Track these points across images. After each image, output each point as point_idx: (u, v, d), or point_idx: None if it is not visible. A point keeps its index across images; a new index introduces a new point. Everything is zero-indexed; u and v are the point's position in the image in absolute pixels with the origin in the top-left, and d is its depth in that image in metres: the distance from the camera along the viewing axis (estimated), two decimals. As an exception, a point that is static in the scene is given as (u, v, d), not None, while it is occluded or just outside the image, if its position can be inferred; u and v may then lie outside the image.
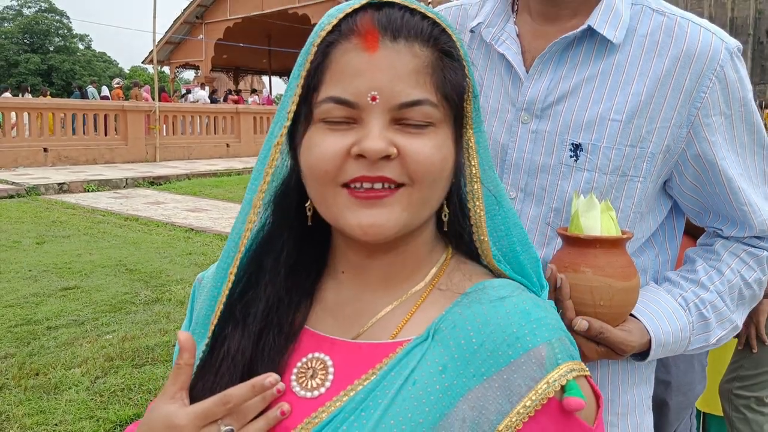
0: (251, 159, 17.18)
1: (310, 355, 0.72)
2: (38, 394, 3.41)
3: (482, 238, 0.74)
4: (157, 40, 17.41)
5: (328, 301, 0.76)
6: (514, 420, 0.63)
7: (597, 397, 0.68)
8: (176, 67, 30.97)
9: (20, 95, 18.70)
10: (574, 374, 0.65)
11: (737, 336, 2.42)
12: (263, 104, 23.93)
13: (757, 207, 1.06)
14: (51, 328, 4.42)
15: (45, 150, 13.78)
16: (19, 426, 3.08)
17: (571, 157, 1.02)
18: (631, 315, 0.99)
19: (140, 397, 3.41)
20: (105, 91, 22.68)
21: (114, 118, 15.22)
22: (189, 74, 34.10)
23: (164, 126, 15.93)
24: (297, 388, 0.70)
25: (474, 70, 1.13)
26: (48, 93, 19.54)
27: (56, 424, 3.13)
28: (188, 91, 24.99)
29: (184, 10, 27.99)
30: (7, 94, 18.61)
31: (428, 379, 0.64)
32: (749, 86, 1.05)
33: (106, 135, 15.14)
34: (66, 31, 62.52)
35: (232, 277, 0.74)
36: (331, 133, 0.66)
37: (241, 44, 27.09)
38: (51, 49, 59.69)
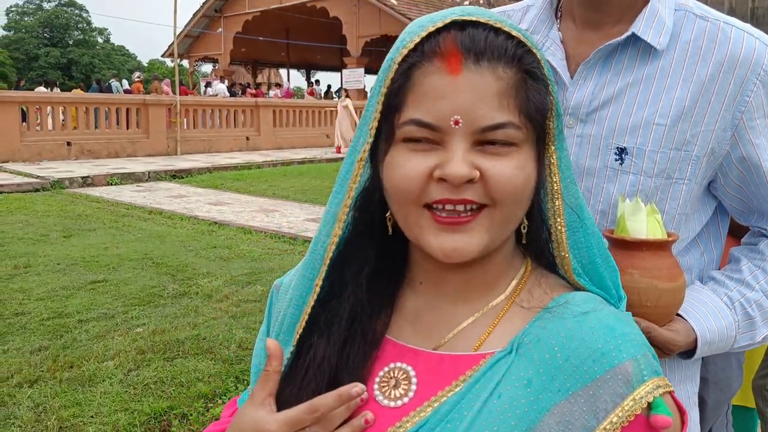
0: (271, 152, 17.27)
1: (392, 365, 0.72)
2: (73, 387, 3.46)
3: (563, 253, 0.74)
4: (174, 33, 17.49)
5: (407, 310, 0.76)
6: None
7: (682, 413, 0.68)
8: (195, 61, 31.11)
9: (50, 89, 18.92)
10: (660, 391, 0.65)
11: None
12: (283, 97, 23.96)
13: None
14: (82, 321, 4.47)
15: (68, 144, 13.93)
16: (56, 418, 3.13)
17: (616, 160, 1.04)
18: (678, 314, 1.01)
19: (173, 389, 3.44)
20: (126, 84, 22.88)
21: (136, 112, 15.33)
22: (206, 68, 34.15)
23: (185, 119, 16.01)
24: (380, 397, 0.71)
25: None
26: (84, 88, 19.76)
27: (92, 416, 3.17)
28: (208, 84, 25.12)
29: (203, 3, 28.13)
30: (41, 88, 18.85)
31: (513, 393, 0.65)
32: None
33: (128, 128, 15.28)
34: (85, 24, 63.08)
35: (318, 289, 0.74)
36: (414, 155, 0.66)
37: (260, 38, 27.14)
38: (70, 42, 60.29)
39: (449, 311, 0.74)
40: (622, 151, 1.04)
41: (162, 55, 30.52)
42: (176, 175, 12.56)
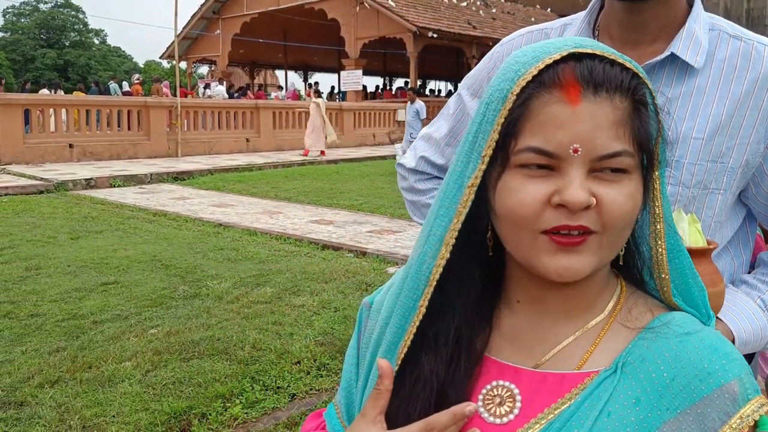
0: (271, 154, 17.32)
1: (494, 383, 0.74)
2: (93, 387, 3.53)
3: (663, 275, 0.76)
4: (174, 35, 17.54)
5: (504, 329, 0.78)
6: None
7: None
8: (193, 62, 31.15)
9: (53, 92, 18.96)
10: (765, 409, 0.67)
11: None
12: (288, 98, 24.00)
13: None
14: (96, 322, 4.54)
15: (70, 146, 13.98)
16: (79, 417, 3.20)
17: None
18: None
19: (191, 390, 3.52)
20: (126, 86, 22.91)
21: (137, 114, 15.39)
22: (203, 69, 34.18)
23: (185, 121, 16.06)
24: (485, 415, 0.73)
25: None
26: (84, 89, 19.79)
27: (113, 416, 3.24)
28: (207, 86, 25.16)
29: (201, 5, 28.19)
30: (45, 91, 18.87)
31: (623, 411, 0.67)
32: None
33: (129, 130, 15.33)
34: (82, 26, 63.02)
35: (423, 310, 0.76)
36: (530, 180, 0.68)
37: (259, 40, 27.19)
38: (67, 44, 60.19)
39: (548, 330, 0.75)
40: None
41: (160, 57, 30.54)
42: (178, 177, 12.62)
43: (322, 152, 17.07)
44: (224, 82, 25.12)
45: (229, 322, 4.56)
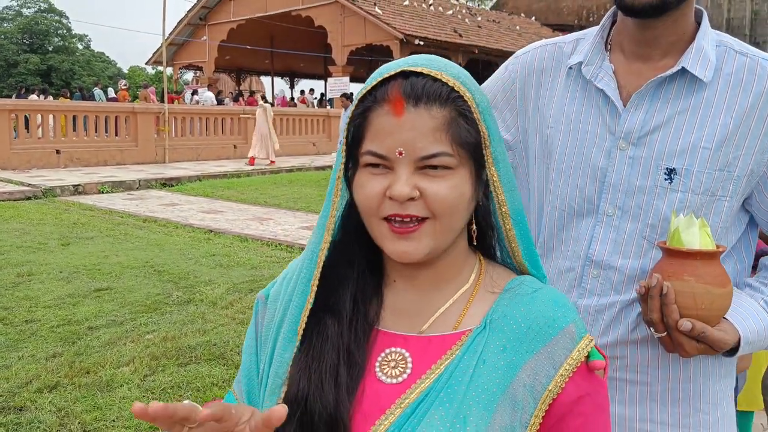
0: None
1: (388, 350, 0.88)
2: (92, 392, 3.56)
3: (513, 245, 0.92)
4: (162, 41, 17.51)
5: (389, 303, 0.91)
6: (558, 381, 0.82)
7: (604, 357, 0.88)
8: (179, 68, 31.06)
9: (43, 98, 18.84)
10: (593, 344, 0.86)
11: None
12: (278, 105, 24.04)
13: None
14: (92, 328, 4.56)
15: (57, 152, 13.91)
16: (80, 422, 3.23)
17: (666, 179, 1.17)
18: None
19: (190, 394, 3.56)
20: (111, 92, 22.79)
21: (124, 120, 15.34)
22: (188, 75, 34.09)
23: (173, 127, 16.03)
24: (383, 377, 0.86)
25: (572, 104, 1.27)
26: (68, 95, 19.66)
27: (114, 420, 3.28)
28: (195, 92, 25.11)
29: (188, 12, 28.09)
30: (34, 96, 18.73)
31: (494, 358, 0.83)
32: None
33: (117, 136, 15.27)
34: (65, 31, 62.50)
35: (315, 288, 0.89)
36: (373, 177, 0.83)
37: (246, 46, 27.17)
38: (50, 49, 59.63)
39: (424, 301, 0.90)
40: (671, 172, 1.16)
41: (146, 63, 30.38)
42: (166, 184, 12.60)
43: (272, 162, 16.09)
44: (212, 88, 25.09)
45: (225, 327, 4.61)
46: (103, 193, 11.54)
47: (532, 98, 1.34)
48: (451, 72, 0.85)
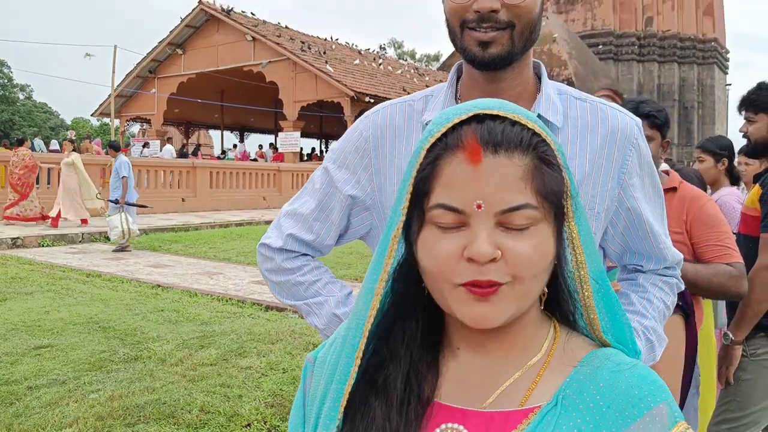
0: (207, 214, 17.09)
1: (444, 426, 0.78)
2: (32, 456, 3.35)
3: (592, 315, 0.82)
4: (110, 93, 17.33)
5: (449, 374, 0.82)
6: None
7: None
8: (126, 121, 30.68)
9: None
10: (689, 431, 0.74)
11: (719, 380, 2.67)
12: (239, 159, 24.00)
13: (667, 244, 1.33)
14: (32, 387, 4.32)
15: (-5, 204, 13.38)
16: (18, 489, 3.03)
17: None
18: None
19: (138, 456, 3.39)
20: (54, 144, 22.29)
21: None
22: (134, 128, 33.67)
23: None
24: None
25: None
26: (8, 145, 19.01)
27: (55, 486, 3.09)
28: (146, 145, 24.81)
29: (137, 64, 28.00)
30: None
31: None
32: (650, 150, 1.31)
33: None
34: (6, 80, 61.21)
35: (359, 361, 0.80)
36: (444, 235, 0.73)
37: (196, 99, 27.14)
38: (-10, 99, 58.20)
39: (490, 372, 0.80)
40: None
41: (92, 114, 29.89)
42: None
43: (84, 221, 13.20)
44: (165, 141, 24.83)
45: (175, 384, 4.44)
46: (43, 246, 11.13)
47: (388, 156, 1.32)
48: (528, 115, 0.77)
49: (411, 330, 0.83)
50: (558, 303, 0.83)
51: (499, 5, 1.15)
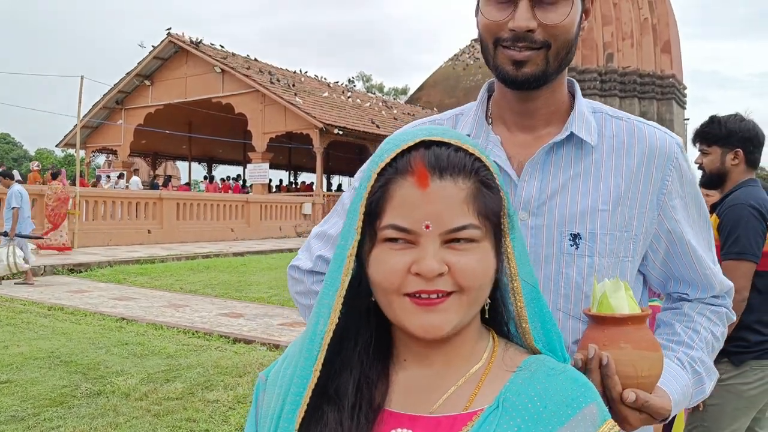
0: (174, 246, 16.87)
1: (393, 431, 0.83)
2: (-11, 496, 3.24)
3: (524, 325, 0.88)
4: (76, 124, 17.14)
5: (398, 383, 0.87)
6: None
7: None
8: (92, 152, 30.29)
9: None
10: (616, 429, 0.81)
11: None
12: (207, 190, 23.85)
13: (714, 271, 1.26)
14: (-11, 425, 4.19)
15: (-46, 235, 13.01)
16: None
17: (571, 245, 1.16)
18: None
19: (100, 494, 3.30)
20: (16, 175, 21.79)
21: (32, 203, 14.66)
22: (100, 159, 33.25)
23: (84, 211, 15.44)
24: None
25: None
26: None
27: None
28: (121, 175, 24.53)
29: (104, 95, 27.78)
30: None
31: None
32: (694, 172, 1.29)
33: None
34: (-32, 111, 60.04)
35: (317, 373, 0.84)
36: (394, 253, 0.79)
37: (165, 131, 26.96)
38: (-50, 129, 56.99)
39: (435, 381, 0.85)
40: (575, 237, 1.15)
41: (57, 145, 29.48)
42: (74, 270, 12.00)
43: None
44: (131, 173, 24.54)
45: (139, 420, 4.34)
46: (2, 279, 10.83)
47: None
48: (470, 142, 0.83)
49: (364, 341, 0.88)
50: (494, 313, 0.90)
51: (535, 24, 1.10)
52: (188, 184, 30.17)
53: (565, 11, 1.11)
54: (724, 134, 2.82)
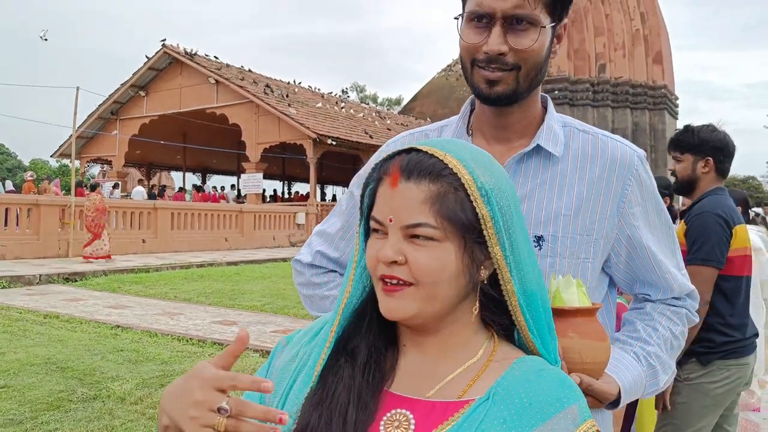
0: (168, 255, 16.96)
1: (393, 411, 0.91)
2: (-11, 494, 3.34)
3: (521, 324, 0.94)
4: (71, 134, 17.26)
5: (400, 368, 0.96)
6: None
7: None
8: (87, 162, 30.36)
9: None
10: (594, 428, 0.87)
11: (656, 406, 2.87)
12: (196, 200, 23.92)
13: (674, 274, 1.36)
14: (-12, 428, 4.30)
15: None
16: None
17: (535, 246, 1.26)
18: None
19: (97, 492, 3.41)
20: (9, 185, 21.89)
21: (27, 213, 14.77)
22: (94, 169, 33.30)
23: (78, 221, 15.54)
24: None
25: None
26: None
27: None
28: (116, 185, 24.59)
29: (99, 105, 27.86)
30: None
31: (493, 429, 0.84)
32: (654, 181, 1.36)
33: (17, 229, 14.62)
34: (-38, 121, 60.03)
35: (333, 335, 0.97)
36: (374, 241, 0.92)
37: (160, 141, 27.06)
38: (-56, 139, 56.87)
39: (431, 368, 0.94)
40: (539, 239, 1.27)
41: (52, 155, 29.52)
42: (69, 279, 12.08)
43: None
44: (125, 183, 24.61)
45: (134, 423, 4.46)
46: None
47: None
48: (457, 153, 0.91)
49: (377, 316, 0.96)
50: (496, 315, 0.96)
51: (507, 48, 1.21)
52: (183, 189, 30.24)
53: (534, 37, 1.21)
54: (696, 143, 2.95)
